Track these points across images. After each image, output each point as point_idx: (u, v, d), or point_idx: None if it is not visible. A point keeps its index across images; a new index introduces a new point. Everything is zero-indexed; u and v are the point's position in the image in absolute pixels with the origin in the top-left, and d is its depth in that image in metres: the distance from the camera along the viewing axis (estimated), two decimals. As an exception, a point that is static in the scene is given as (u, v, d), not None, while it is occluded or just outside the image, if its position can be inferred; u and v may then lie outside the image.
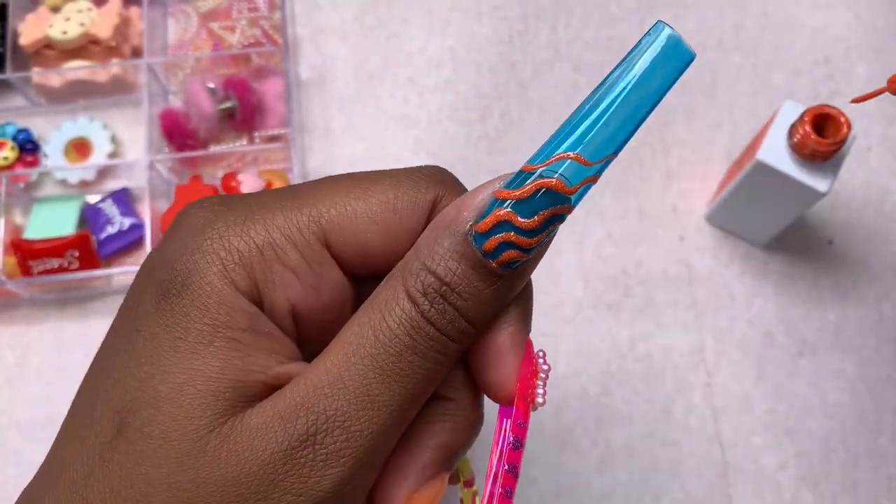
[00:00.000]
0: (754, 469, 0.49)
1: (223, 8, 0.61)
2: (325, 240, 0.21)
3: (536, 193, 0.20)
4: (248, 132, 0.57)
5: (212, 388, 0.19)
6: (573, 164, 0.20)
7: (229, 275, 0.20)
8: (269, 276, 0.20)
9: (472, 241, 0.20)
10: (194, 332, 0.19)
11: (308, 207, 0.21)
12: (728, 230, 0.54)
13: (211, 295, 0.20)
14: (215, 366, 0.19)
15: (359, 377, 0.19)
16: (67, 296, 0.54)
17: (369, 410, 0.19)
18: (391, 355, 0.20)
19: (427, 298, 0.20)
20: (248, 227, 0.20)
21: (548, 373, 0.22)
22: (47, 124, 0.59)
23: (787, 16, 0.61)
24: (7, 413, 0.51)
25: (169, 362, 0.19)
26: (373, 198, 0.21)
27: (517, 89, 0.59)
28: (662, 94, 0.20)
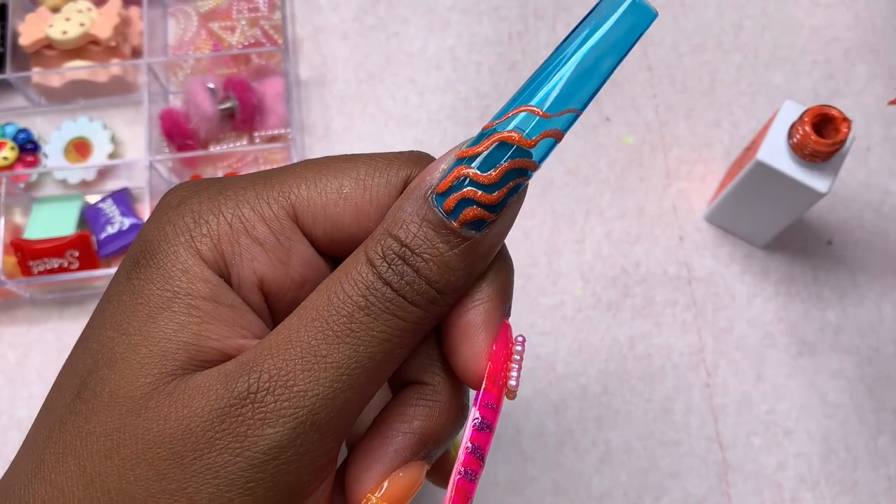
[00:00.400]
0: (754, 469, 0.49)
1: (223, 8, 0.61)
2: (295, 215, 0.21)
3: (494, 147, 0.19)
4: (249, 132, 0.57)
5: (162, 348, 0.19)
6: (530, 116, 0.20)
7: (195, 245, 0.20)
8: (236, 248, 0.20)
9: (432, 201, 0.19)
10: (154, 298, 0.20)
11: (279, 184, 0.21)
12: (728, 230, 0.54)
13: (175, 263, 0.20)
14: (169, 329, 0.19)
15: (307, 337, 0.19)
16: (68, 296, 0.54)
17: (314, 371, 0.19)
18: (342, 315, 0.19)
19: (385, 260, 0.19)
20: (220, 202, 0.21)
21: (521, 355, 0.21)
22: (47, 124, 0.59)
23: (788, 16, 0.61)
24: (7, 413, 0.51)
25: (129, 326, 0.19)
26: (344, 176, 0.21)
27: (517, 89, 0.59)
28: (624, 53, 0.20)
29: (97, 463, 0.18)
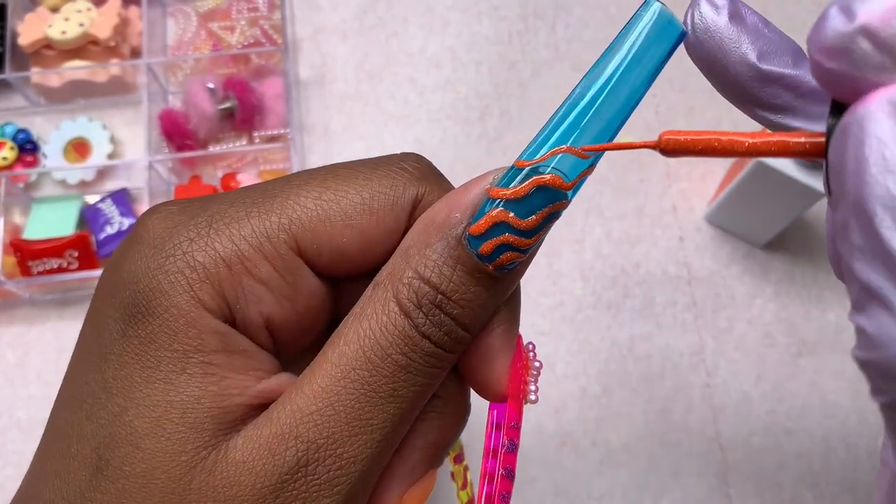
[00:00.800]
0: (754, 469, 0.49)
1: (223, 8, 0.61)
2: (297, 247, 0.19)
3: (533, 191, 0.19)
4: (248, 132, 0.57)
5: (190, 420, 0.18)
6: (568, 157, 0.19)
7: (196, 294, 0.18)
8: (239, 291, 0.19)
9: (466, 244, 0.19)
10: (165, 360, 0.18)
11: (277, 213, 0.19)
12: (728, 230, 0.54)
13: (178, 318, 0.18)
14: (191, 395, 0.18)
15: (350, 401, 0.18)
16: (67, 296, 0.54)
17: (363, 436, 0.18)
18: (384, 376, 0.19)
19: (422, 311, 0.19)
20: (213, 238, 0.19)
21: (539, 370, 0.21)
22: (47, 124, 0.59)
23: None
24: (7, 413, 0.51)
25: (142, 395, 0.18)
26: (346, 198, 0.20)
27: (517, 89, 0.59)
28: (654, 76, 0.19)
29: None
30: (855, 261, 0.15)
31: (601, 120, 0.19)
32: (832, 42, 0.15)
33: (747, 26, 0.19)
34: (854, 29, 0.15)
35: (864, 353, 0.15)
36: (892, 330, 0.14)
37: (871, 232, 0.14)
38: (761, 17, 0.19)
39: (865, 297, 0.15)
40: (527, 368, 0.21)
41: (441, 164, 0.64)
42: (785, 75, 0.19)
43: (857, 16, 0.15)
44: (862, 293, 0.15)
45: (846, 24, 0.15)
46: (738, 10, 0.19)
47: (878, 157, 0.14)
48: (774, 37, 0.19)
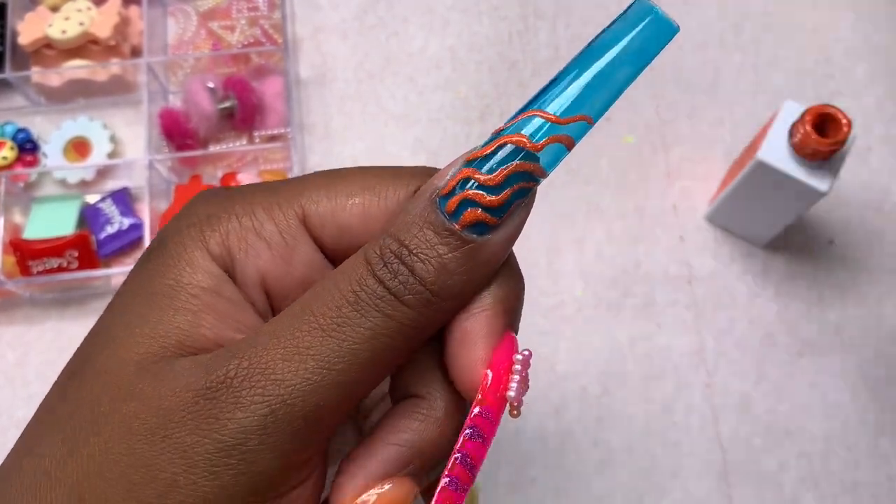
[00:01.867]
0: (755, 469, 0.49)
1: (223, 7, 0.61)
2: (304, 217, 0.21)
3: (499, 149, 0.19)
4: (248, 132, 0.57)
5: (155, 330, 0.19)
6: (539, 120, 0.19)
7: (205, 239, 0.21)
8: (242, 245, 0.21)
9: (436, 203, 0.19)
10: (158, 285, 0.20)
11: (291, 190, 0.22)
12: (728, 230, 0.54)
13: (182, 254, 0.20)
14: (166, 314, 0.20)
15: (290, 328, 0.19)
16: (67, 296, 0.54)
17: (294, 362, 0.18)
18: (329, 308, 0.19)
19: (382, 259, 0.19)
20: (235, 202, 0.21)
21: (523, 366, 0.21)
22: (47, 124, 0.59)
23: (788, 15, 0.61)
24: (7, 413, 0.51)
25: (128, 309, 0.20)
26: (354, 184, 0.21)
27: (517, 89, 0.59)
28: (642, 66, 0.20)
29: (80, 439, 0.19)
30: None
31: (576, 91, 0.20)
32: None
33: None
34: None
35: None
36: None
37: None
38: None
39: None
40: (510, 368, 0.20)
41: (441, 164, 0.64)
42: None
43: None
44: None
45: None
46: None
47: None
48: None
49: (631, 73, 0.20)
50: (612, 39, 0.20)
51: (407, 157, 0.57)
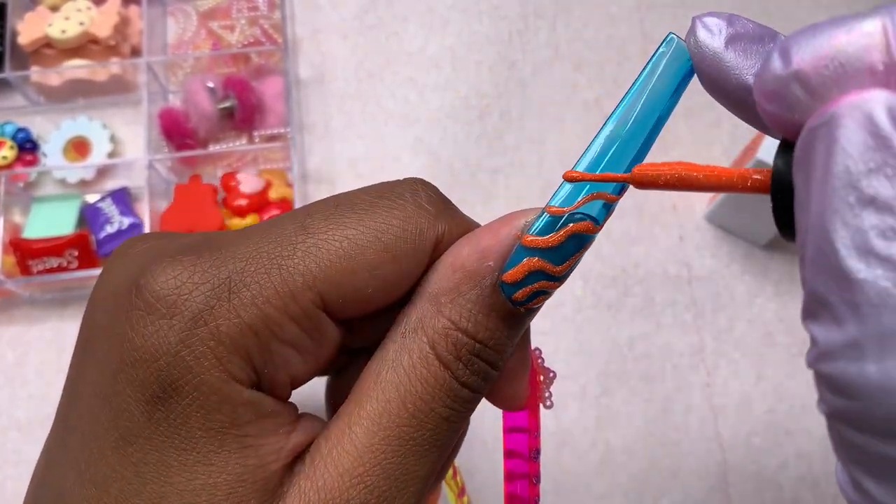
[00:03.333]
0: (754, 469, 0.49)
1: (223, 7, 0.61)
2: (322, 302, 0.19)
3: (570, 240, 0.19)
4: (248, 131, 0.57)
5: (236, 499, 0.18)
6: (599, 202, 0.19)
7: (226, 368, 0.18)
8: (266, 357, 0.18)
9: (500, 291, 0.19)
10: (201, 441, 0.18)
11: (300, 271, 0.18)
12: (728, 229, 0.54)
13: (210, 395, 0.17)
14: (233, 473, 0.18)
15: (398, 459, 0.18)
16: (67, 295, 0.54)
17: (410, 488, 0.19)
18: (428, 430, 0.19)
19: (462, 362, 0.19)
20: (236, 305, 0.18)
21: (553, 378, 0.22)
22: (46, 123, 0.59)
23: (788, 15, 0.61)
24: (7, 413, 0.51)
25: (181, 479, 0.17)
26: (370, 248, 0.19)
27: (517, 89, 0.59)
28: (674, 106, 0.20)
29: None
30: (809, 271, 0.15)
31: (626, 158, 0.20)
32: (770, 85, 0.16)
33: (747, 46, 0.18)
34: (788, 74, 0.15)
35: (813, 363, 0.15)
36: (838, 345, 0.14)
37: (828, 245, 0.14)
38: (767, 31, 0.19)
39: (816, 306, 0.15)
40: (540, 379, 0.22)
41: (441, 163, 0.64)
42: None
43: (792, 61, 0.15)
44: (813, 301, 0.15)
45: (783, 68, 0.15)
46: (738, 31, 0.18)
47: (842, 168, 0.14)
48: None
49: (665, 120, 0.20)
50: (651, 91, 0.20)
51: (407, 157, 0.57)
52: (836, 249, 0.14)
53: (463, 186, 0.56)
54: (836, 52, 0.15)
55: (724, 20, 0.18)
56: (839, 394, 0.14)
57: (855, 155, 0.14)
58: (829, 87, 0.15)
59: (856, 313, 0.14)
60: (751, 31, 0.18)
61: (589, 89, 0.59)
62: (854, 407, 0.14)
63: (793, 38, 0.15)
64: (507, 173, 0.56)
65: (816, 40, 0.15)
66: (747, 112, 0.19)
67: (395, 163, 0.57)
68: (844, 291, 0.14)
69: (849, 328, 0.14)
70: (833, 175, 0.14)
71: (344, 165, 0.57)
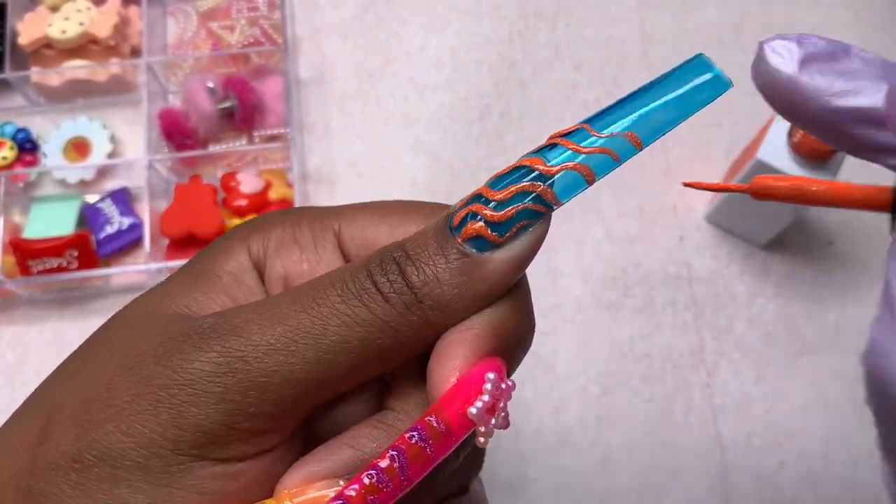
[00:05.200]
0: (754, 469, 0.49)
1: (223, 7, 0.61)
2: (339, 232, 0.22)
3: (515, 171, 0.19)
4: (248, 132, 0.57)
5: (174, 296, 0.21)
6: (560, 147, 0.19)
7: (248, 236, 0.22)
8: (278, 244, 0.22)
9: (447, 218, 0.20)
10: (192, 266, 0.22)
11: (337, 209, 0.23)
12: (728, 230, 0.54)
13: (222, 245, 0.22)
14: (188, 288, 0.22)
15: (274, 299, 0.20)
16: (67, 295, 0.54)
17: (263, 324, 0.19)
18: (315, 290, 0.19)
19: (380, 258, 0.20)
20: (287, 215, 0.23)
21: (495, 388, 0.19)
22: (46, 123, 0.59)
23: (788, 15, 0.61)
24: (7, 413, 0.51)
25: (170, 281, 0.22)
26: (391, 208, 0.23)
27: (517, 88, 0.59)
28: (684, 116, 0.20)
29: (73, 366, 0.23)
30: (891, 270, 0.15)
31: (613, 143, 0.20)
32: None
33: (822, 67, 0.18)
34: None
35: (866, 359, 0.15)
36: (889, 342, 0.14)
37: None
38: (839, 45, 0.18)
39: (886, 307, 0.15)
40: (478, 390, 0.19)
41: (441, 163, 0.64)
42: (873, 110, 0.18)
43: None
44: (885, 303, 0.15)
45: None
46: (811, 52, 0.18)
47: None
48: (857, 65, 0.18)
49: (670, 120, 0.19)
50: (663, 87, 0.20)
51: (407, 157, 0.57)
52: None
53: (463, 186, 0.56)
54: None
55: (794, 42, 0.18)
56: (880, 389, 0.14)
57: None
58: None
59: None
60: (823, 49, 0.18)
61: (589, 89, 0.59)
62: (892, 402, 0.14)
63: None
64: (507, 173, 0.56)
65: None
66: (832, 134, 0.18)
67: (395, 163, 0.57)
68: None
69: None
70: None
71: (344, 165, 0.57)
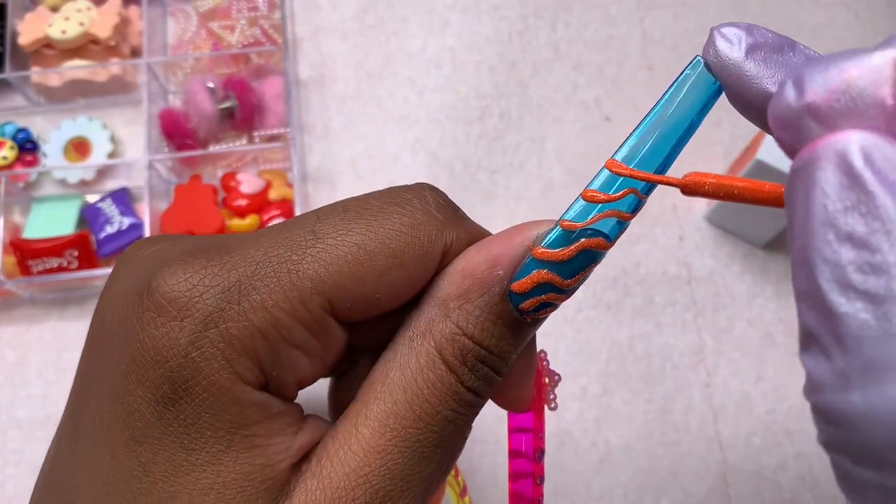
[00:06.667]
0: (754, 469, 0.49)
1: (223, 7, 0.61)
2: (330, 306, 0.19)
3: (580, 255, 0.19)
4: (248, 132, 0.57)
5: (245, 498, 0.18)
6: (615, 221, 0.19)
7: (235, 370, 0.18)
8: (275, 358, 0.19)
9: (508, 300, 0.19)
10: (210, 441, 0.18)
11: (310, 276, 0.19)
12: (728, 230, 0.54)
13: (219, 397, 0.18)
14: (241, 472, 0.18)
15: (403, 460, 0.19)
16: (67, 295, 0.54)
17: (414, 489, 0.19)
18: (434, 432, 0.19)
19: (467, 367, 0.19)
20: (247, 309, 0.18)
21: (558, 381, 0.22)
22: (47, 124, 0.59)
23: (788, 15, 0.61)
24: (7, 412, 0.51)
25: (191, 479, 0.18)
26: (379, 255, 0.19)
27: (517, 89, 0.59)
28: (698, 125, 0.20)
29: None
30: (802, 303, 0.15)
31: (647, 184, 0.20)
32: (783, 114, 0.16)
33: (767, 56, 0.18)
34: (801, 106, 0.16)
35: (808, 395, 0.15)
36: (827, 377, 0.14)
37: (812, 281, 0.15)
38: (786, 40, 0.19)
39: (809, 339, 0.15)
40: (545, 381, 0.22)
41: (441, 164, 0.64)
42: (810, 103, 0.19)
43: (805, 93, 0.15)
44: (805, 335, 0.15)
45: (796, 99, 0.16)
46: (758, 41, 0.19)
47: (821, 208, 0.15)
48: (799, 59, 0.19)
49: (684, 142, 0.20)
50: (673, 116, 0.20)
51: (407, 158, 0.57)
52: (818, 285, 0.15)
53: (463, 186, 0.56)
54: (847, 86, 0.15)
55: (742, 30, 0.19)
56: (830, 424, 0.14)
57: (831, 194, 0.15)
58: (840, 121, 0.15)
59: (840, 346, 0.14)
60: (770, 41, 0.19)
61: (589, 89, 0.59)
62: (843, 436, 0.14)
63: (807, 68, 0.16)
64: (507, 173, 0.56)
65: (829, 72, 0.15)
66: None
67: (395, 163, 0.57)
68: (829, 324, 0.14)
69: (836, 360, 0.14)
70: (812, 214, 0.15)
71: (344, 165, 0.57)
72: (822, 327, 0.14)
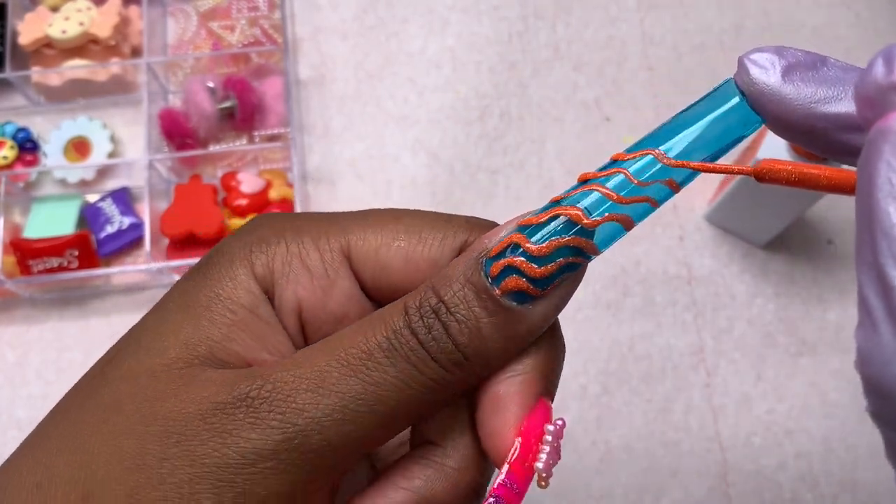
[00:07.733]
0: (754, 469, 0.49)
1: (223, 7, 0.61)
2: (348, 251, 0.21)
3: (553, 220, 0.19)
4: (248, 132, 0.57)
5: (187, 337, 0.20)
6: (600, 197, 0.19)
7: (250, 258, 0.21)
8: (285, 268, 0.21)
9: (482, 263, 0.19)
10: (198, 297, 0.21)
11: (340, 223, 0.22)
12: (728, 230, 0.54)
13: (227, 271, 0.21)
14: (200, 325, 0.20)
15: (320, 362, 0.19)
16: (67, 295, 0.54)
17: (317, 394, 0.18)
18: (361, 351, 0.19)
19: (419, 311, 0.19)
20: (286, 229, 0.22)
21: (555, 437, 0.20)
22: (47, 123, 0.59)
23: (788, 15, 0.61)
24: (7, 412, 0.51)
25: (166, 317, 0.21)
26: (402, 226, 0.21)
27: (517, 89, 0.59)
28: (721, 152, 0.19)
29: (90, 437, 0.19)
30: (861, 274, 0.15)
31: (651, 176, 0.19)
32: (870, 92, 0.16)
33: (804, 75, 0.18)
34: (889, 83, 0.15)
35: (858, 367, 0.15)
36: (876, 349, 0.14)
37: (873, 253, 0.15)
38: (817, 56, 0.18)
39: (864, 312, 0.15)
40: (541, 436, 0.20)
41: (441, 164, 0.64)
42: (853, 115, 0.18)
43: (894, 70, 0.15)
44: (861, 307, 0.15)
45: (885, 76, 0.15)
46: (791, 62, 0.18)
47: (885, 181, 0.15)
48: (836, 73, 0.18)
49: (706, 159, 0.19)
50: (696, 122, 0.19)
51: (407, 158, 0.57)
52: (877, 258, 0.14)
53: (463, 186, 0.56)
54: None
55: (773, 53, 0.18)
56: (878, 396, 0.14)
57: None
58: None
59: (893, 319, 0.14)
60: (802, 60, 0.18)
61: (589, 89, 0.59)
62: (891, 407, 0.14)
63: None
64: (507, 173, 0.56)
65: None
66: (818, 141, 0.19)
67: (395, 163, 0.57)
68: (883, 298, 0.14)
69: (885, 334, 0.14)
70: (876, 185, 0.15)
71: (344, 165, 0.57)
72: (877, 299, 0.14)
